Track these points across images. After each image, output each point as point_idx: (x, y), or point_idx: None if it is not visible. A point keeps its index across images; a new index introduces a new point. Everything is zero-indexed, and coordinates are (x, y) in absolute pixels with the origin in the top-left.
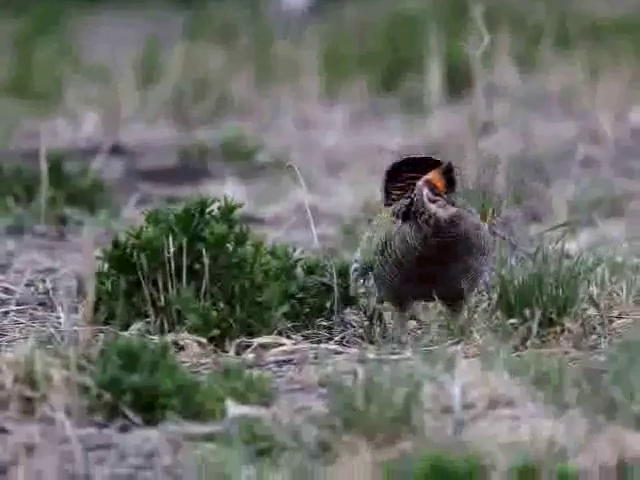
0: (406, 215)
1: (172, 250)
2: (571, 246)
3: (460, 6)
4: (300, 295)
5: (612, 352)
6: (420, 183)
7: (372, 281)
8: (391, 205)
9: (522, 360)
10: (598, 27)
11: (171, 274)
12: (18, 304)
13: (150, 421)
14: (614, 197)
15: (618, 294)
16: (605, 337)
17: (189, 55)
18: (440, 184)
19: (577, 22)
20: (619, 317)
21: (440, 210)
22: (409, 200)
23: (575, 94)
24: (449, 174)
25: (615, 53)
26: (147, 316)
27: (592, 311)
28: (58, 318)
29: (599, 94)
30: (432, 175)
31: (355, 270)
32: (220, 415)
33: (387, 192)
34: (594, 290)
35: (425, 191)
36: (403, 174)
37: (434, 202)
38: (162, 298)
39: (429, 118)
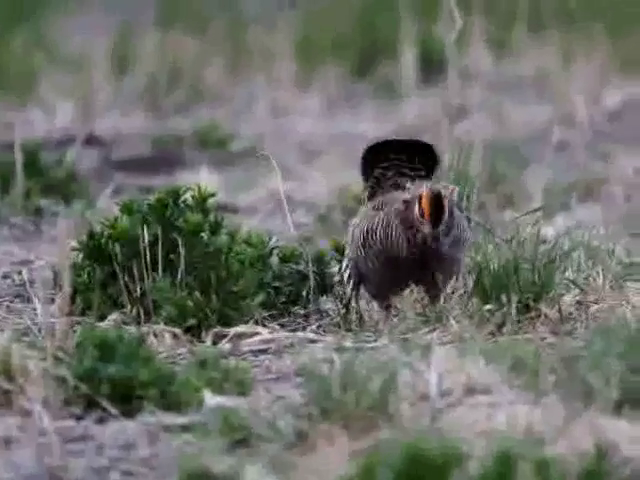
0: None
1: (147, 240)
2: (547, 231)
3: None
4: (276, 284)
5: (589, 337)
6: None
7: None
8: (372, 187)
9: (498, 346)
10: (572, 10)
11: (146, 264)
12: None
13: (127, 412)
14: (589, 181)
15: (594, 279)
16: (582, 322)
17: (162, 44)
18: (427, 211)
19: (551, 6)
20: (596, 302)
21: (426, 229)
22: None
23: (549, 78)
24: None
25: (589, 36)
26: (123, 307)
27: (569, 296)
28: (34, 310)
29: (573, 78)
30: (424, 199)
31: (347, 271)
32: (197, 405)
33: (368, 170)
34: (571, 275)
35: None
36: (388, 155)
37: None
38: (138, 288)
39: (403, 103)
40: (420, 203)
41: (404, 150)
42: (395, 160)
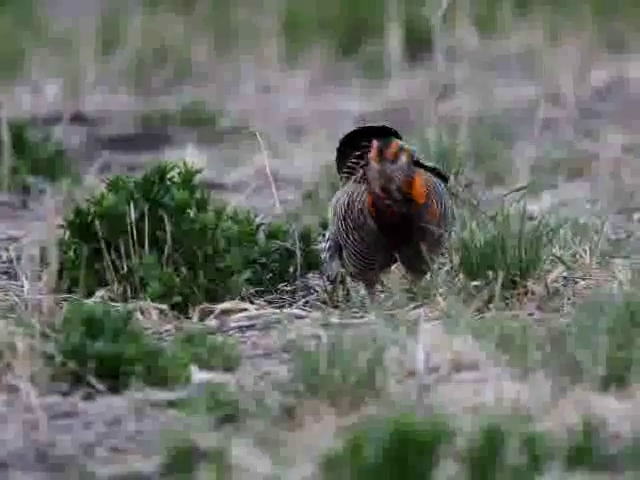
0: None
1: (133, 217)
2: (533, 208)
3: None
4: (262, 260)
5: (576, 314)
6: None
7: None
8: (346, 174)
9: (485, 323)
10: None
11: (133, 241)
12: None
13: (114, 388)
14: (575, 158)
15: (581, 256)
16: (569, 299)
17: (149, 23)
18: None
19: None
20: (583, 278)
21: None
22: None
23: (536, 56)
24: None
25: (575, 15)
26: (110, 284)
27: (556, 273)
28: (21, 287)
29: (560, 56)
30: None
31: (327, 249)
32: (184, 381)
33: (342, 162)
34: (558, 251)
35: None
36: (360, 143)
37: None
38: (124, 265)
39: (389, 82)
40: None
41: (373, 135)
42: (366, 147)
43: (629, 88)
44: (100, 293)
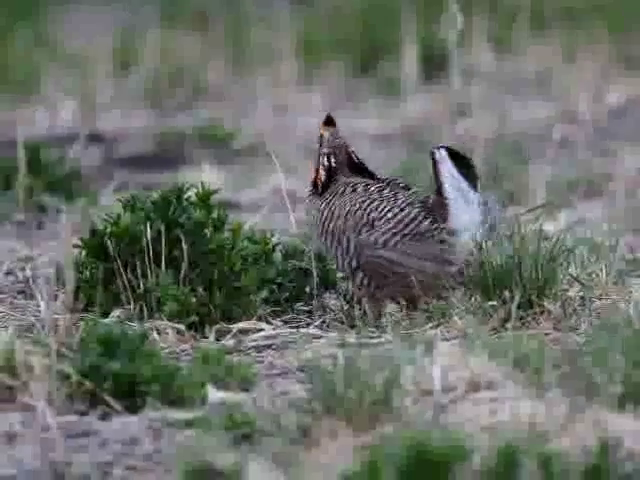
0: None
1: (149, 237)
2: (549, 227)
3: None
4: (279, 280)
5: (592, 333)
6: None
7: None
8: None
9: (502, 342)
10: (574, 8)
11: (149, 261)
12: None
13: (130, 408)
14: (591, 178)
15: (597, 275)
16: (585, 318)
17: (165, 42)
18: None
19: (552, 3)
20: (599, 298)
21: None
22: None
23: (551, 75)
24: None
25: (591, 34)
26: (126, 303)
27: (572, 292)
28: (38, 306)
29: (576, 75)
30: None
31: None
32: (200, 401)
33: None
34: (574, 271)
35: None
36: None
37: None
38: (141, 285)
39: (405, 101)
40: None
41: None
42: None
43: None
44: (116, 313)
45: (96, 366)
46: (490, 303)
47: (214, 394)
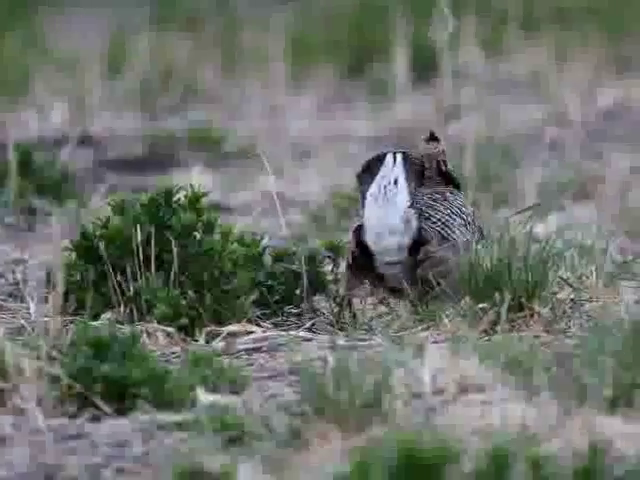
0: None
1: (139, 240)
2: (540, 230)
3: None
4: (269, 283)
5: (582, 336)
6: None
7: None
8: None
9: (492, 345)
10: (564, 9)
11: (139, 264)
12: None
13: (121, 410)
14: (582, 180)
15: (588, 277)
16: (576, 321)
17: (155, 44)
18: None
19: (543, 4)
20: (589, 301)
21: None
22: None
23: (542, 77)
24: None
25: (582, 35)
26: (116, 306)
27: (563, 294)
28: (28, 309)
29: (566, 77)
30: None
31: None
32: (191, 404)
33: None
34: (564, 273)
35: None
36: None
37: None
38: (131, 288)
39: (396, 103)
40: None
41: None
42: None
43: (636, 110)
44: (107, 315)
45: (86, 369)
46: (480, 306)
47: (204, 397)
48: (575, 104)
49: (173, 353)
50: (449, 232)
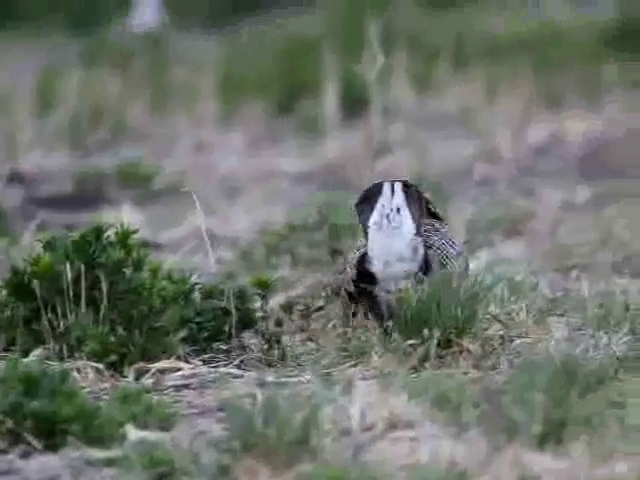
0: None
1: (70, 277)
2: (470, 266)
3: (356, 27)
4: (198, 319)
5: (512, 372)
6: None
7: None
8: None
9: (421, 381)
10: (495, 45)
11: (70, 300)
12: None
13: (51, 446)
14: (512, 216)
15: (518, 313)
16: (505, 357)
17: (85, 81)
18: None
19: (474, 40)
20: (519, 337)
21: None
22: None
23: (473, 113)
24: None
25: (512, 71)
26: (47, 342)
27: (492, 331)
28: None
29: (497, 113)
30: None
31: None
32: (120, 440)
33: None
34: (494, 309)
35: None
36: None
37: None
38: (61, 324)
39: (326, 140)
40: None
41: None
42: None
43: (567, 146)
44: (37, 352)
45: (17, 405)
46: (409, 342)
47: (133, 433)
48: (505, 140)
49: (103, 389)
50: (448, 261)
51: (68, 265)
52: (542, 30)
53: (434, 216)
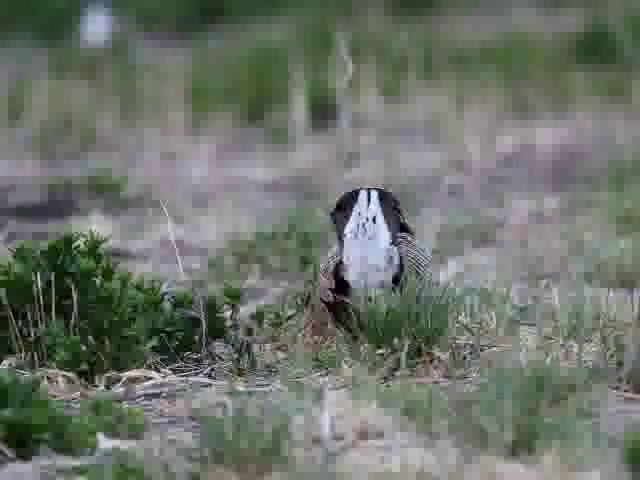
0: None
1: (40, 286)
2: (439, 275)
3: (324, 36)
4: (168, 329)
5: (482, 381)
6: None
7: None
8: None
9: (391, 390)
10: (464, 54)
11: (40, 310)
12: None
13: (23, 455)
14: (482, 225)
15: (487, 323)
16: (475, 367)
17: (54, 92)
18: None
19: (442, 50)
20: (489, 346)
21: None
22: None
23: (442, 123)
24: None
25: (481, 81)
26: (17, 352)
27: (462, 340)
28: None
29: (466, 122)
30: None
31: None
32: (91, 449)
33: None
34: (464, 319)
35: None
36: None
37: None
38: (32, 333)
39: (295, 149)
40: None
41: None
42: None
43: (536, 154)
44: (7, 361)
45: None
46: (379, 351)
47: (104, 442)
48: (475, 149)
49: (74, 398)
50: (422, 271)
51: (38, 274)
52: (511, 39)
53: (402, 227)
